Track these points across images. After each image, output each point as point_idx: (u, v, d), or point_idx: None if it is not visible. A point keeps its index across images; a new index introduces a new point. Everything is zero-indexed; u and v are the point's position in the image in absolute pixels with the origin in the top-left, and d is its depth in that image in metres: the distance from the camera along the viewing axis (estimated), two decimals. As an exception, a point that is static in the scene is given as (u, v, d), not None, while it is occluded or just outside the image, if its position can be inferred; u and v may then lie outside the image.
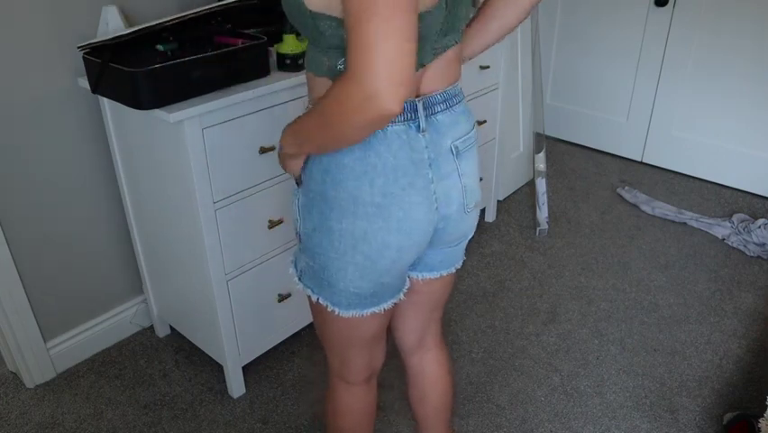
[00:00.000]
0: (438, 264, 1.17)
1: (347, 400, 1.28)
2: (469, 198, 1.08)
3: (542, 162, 2.75)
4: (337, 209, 0.98)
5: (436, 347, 1.33)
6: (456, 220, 1.08)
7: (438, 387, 1.34)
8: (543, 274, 2.44)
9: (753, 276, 2.42)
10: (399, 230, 0.99)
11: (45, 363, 1.92)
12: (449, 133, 1.02)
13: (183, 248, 1.73)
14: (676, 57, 2.99)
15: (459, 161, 1.04)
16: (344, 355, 1.22)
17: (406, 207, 0.98)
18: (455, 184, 1.04)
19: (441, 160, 1.01)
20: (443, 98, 1.00)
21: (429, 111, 0.98)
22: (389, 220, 0.98)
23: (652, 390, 1.90)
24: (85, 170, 1.85)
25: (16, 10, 1.57)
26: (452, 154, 1.02)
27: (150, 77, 1.42)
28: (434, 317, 1.30)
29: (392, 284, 1.08)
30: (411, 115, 0.96)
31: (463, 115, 1.05)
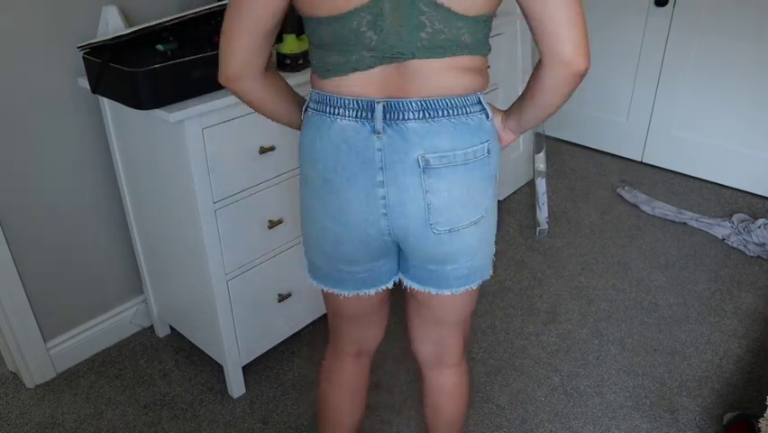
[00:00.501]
0: (427, 280, 1.13)
1: (334, 367, 1.35)
2: (436, 217, 1.03)
3: (542, 162, 2.75)
4: (301, 183, 1.10)
5: (455, 366, 1.30)
6: (420, 237, 1.05)
7: (452, 404, 1.33)
8: (543, 274, 2.44)
9: (753, 276, 2.42)
10: (336, 219, 1.06)
11: (45, 363, 1.92)
12: (420, 143, 0.98)
13: (183, 248, 1.73)
14: (676, 57, 2.99)
15: (427, 176, 1.00)
16: (333, 324, 1.31)
17: (342, 199, 1.03)
18: (415, 198, 1.01)
19: (400, 168, 0.99)
20: (421, 107, 0.97)
21: (395, 116, 0.97)
22: (326, 206, 1.06)
23: (652, 390, 1.90)
24: (85, 170, 1.85)
25: (16, 10, 1.57)
26: (417, 167, 0.99)
27: (150, 77, 1.42)
28: (448, 335, 1.25)
29: (354, 275, 1.14)
30: (366, 114, 0.98)
31: (453, 131, 0.99)
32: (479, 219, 1.08)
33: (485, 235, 1.11)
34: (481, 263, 1.15)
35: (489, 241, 1.14)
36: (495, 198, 1.12)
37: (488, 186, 1.07)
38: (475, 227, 1.08)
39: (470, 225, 1.07)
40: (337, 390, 1.36)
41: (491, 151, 1.05)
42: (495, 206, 1.12)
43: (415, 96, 0.97)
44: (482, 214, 1.08)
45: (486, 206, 1.08)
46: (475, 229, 1.08)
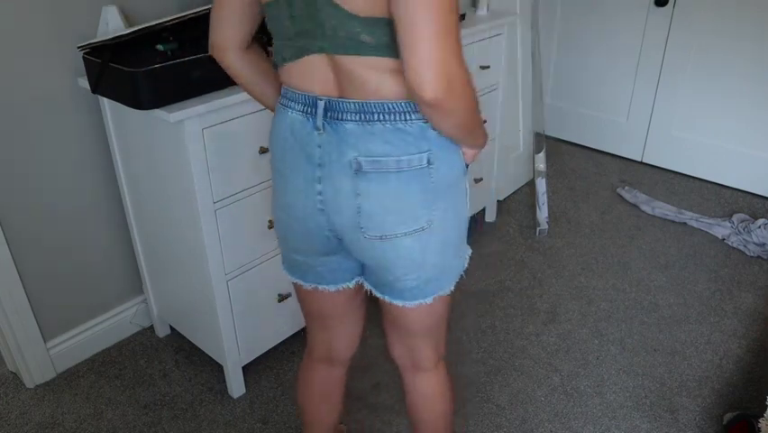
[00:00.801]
0: (381, 287, 1.14)
1: (306, 369, 1.39)
2: (366, 222, 1.03)
3: (542, 162, 2.75)
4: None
5: (429, 371, 1.29)
6: (354, 240, 1.06)
7: (429, 406, 1.32)
8: (543, 274, 2.44)
9: (753, 276, 2.42)
10: (283, 209, 1.10)
11: (45, 363, 1.92)
12: (355, 145, 0.98)
13: (183, 248, 1.73)
14: (676, 57, 2.99)
15: (359, 180, 0.99)
16: (306, 324, 1.34)
17: (288, 190, 1.08)
18: (347, 199, 1.02)
19: (336, 167, 1.00)
20: (358, 109, 0.97)
21: (335, 115, 0.98)
22: (277, 195, 1.11)
23: (652, 390, 1.90)
24: (85, 170, 1.85)
25: (16, 10, 1.57)
26: (350, 168, 0.99)
27: (150, 77, 1.42)
28: (416, 343, 1.24)
29: (311, 267, 1.17)
30: (310, 110, 1.01)
31: (387, 136, 0.98)
32: (416, 231, 1.04)
33: (431, 249, 1.07)
34: (433, 278, 1.11)
35: (440, 255, 1.09)
36: (454, 210, 1.07)
37: (430, 198, 1.03)
38: (413, 239, 1.05)
39: (404, 235, 1.04)
40: (307, 391, 1.40)
41: (433, 161, 1.01)
42: (452, 219, 1.07)
43: (353, 97, 0.97)
44: (422, 226, 1.04)
45: (429, 218, 1.04)
46: (413, 241, 1.05)
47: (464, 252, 1.16)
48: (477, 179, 2.55)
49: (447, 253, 1.10)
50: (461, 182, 1.08)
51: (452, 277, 1.15)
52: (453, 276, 1.15)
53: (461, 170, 1.07)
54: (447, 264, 1.12)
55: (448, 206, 1.06)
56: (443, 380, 1.31)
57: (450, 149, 1.03)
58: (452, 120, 0.93)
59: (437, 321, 1.22)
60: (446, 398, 1.32)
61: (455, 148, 1.05)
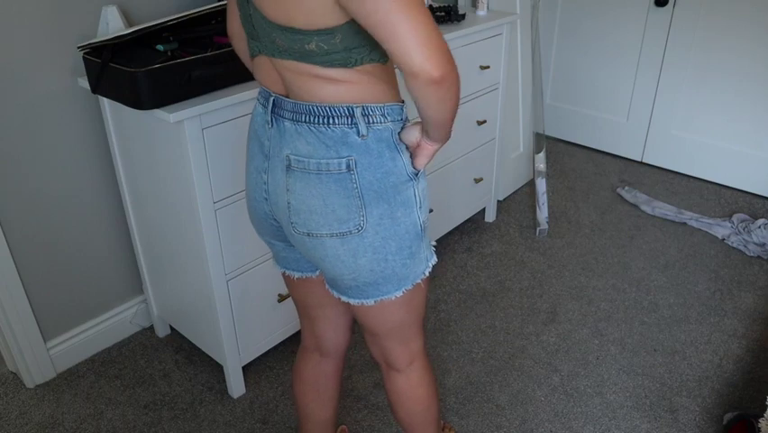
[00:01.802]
0: (327, 280, 1.17)
1: (298, 361, 1.43)
2: (294, 217, 1.08)
3: (542, 162, 2.75)
4: None
5: (401, 371, 1.29)
6: (289, 232, 1.12)
7: (402, 406, 1.33)
8: (543, 274, 2.44)
9: (753, 276, 2.42)
10: (246, 189, 1.19)
11: (45, 363, 1.92)
12: (289, 143, 1.05)
13: (183, 248, 1.73)
14: (676, 57, 2.99)
15: (289, 177, 1.06)
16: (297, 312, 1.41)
17: (248, 172, 1.17)
18: (281, 194, 1.09)
19: (276, 161, 1.08)
20: (292, 108, 1.03)
21: (278, 112, 1.06)
22: (246, 172, 1.19)
23: (652, 390, 1.90)
24: (85, 170, 1.85)
25: (16, 10, 1.57)
26: (284, 164, 1.06)
27: (150, 77, 1.42)
28: (382, 343, 1.26)
29: (273, 247, 1.25)
30: (266, 104, 1.08)
31: (311, 138, 1.03)
32: (344, 234, 1.07)
33: (364, 254, 1.08)
34: (371, 282, 1.12)
35: (377, 262, 1.09)
36: (392, 219, 1.07)
37: (356, 203, 1.05)
38: (340, 242, 1.07)
39: (329, 236, 1.07)
40: (298, 382, 1.43)
41: (354, 168, 1.03)
42: (390, 228, 1.07)
43: (291, 97, 1.04)
44: (350, 230, 1.06)
45: (358, 223, 1.06)
46: (341, 244, 1.07)
47: (419, 261, 1.14)
48: (477, 180, 2.55)
49: (388, 260, 1.10)
50: (402, 190, 1.07)
51: (398, 284, 1.13)
52: (400, 284, 1.13)
53: (400, 177, 1.06)
54: (389, 271, 1.11)
55: (383, 213, 1.06)
56: (415, 382, 1.30)
57: (381, 156, 1.04)
58: (454, 93, 0.96)
59: (398, 324, 1.21)
60: (420, 398, 1.32)
61: (391, 155, 1.05)
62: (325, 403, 1.44)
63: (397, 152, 1.06)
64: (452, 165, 2.39)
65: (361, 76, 1.02)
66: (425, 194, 1.14)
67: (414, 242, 1.12)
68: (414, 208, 1.10)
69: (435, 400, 1.35)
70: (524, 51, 2.76)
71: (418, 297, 1.20)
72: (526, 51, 2.79)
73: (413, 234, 1.11)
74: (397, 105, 1.07)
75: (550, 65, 3.46)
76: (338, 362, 1.41)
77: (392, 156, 1.06)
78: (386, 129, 1.05)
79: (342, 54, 0.99)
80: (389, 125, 1.05)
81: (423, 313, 1.26)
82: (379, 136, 1.04)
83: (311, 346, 1.40)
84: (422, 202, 1.11)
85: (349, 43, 0.98)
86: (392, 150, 1.06)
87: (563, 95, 3.48)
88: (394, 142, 1.06)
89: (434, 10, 2.20)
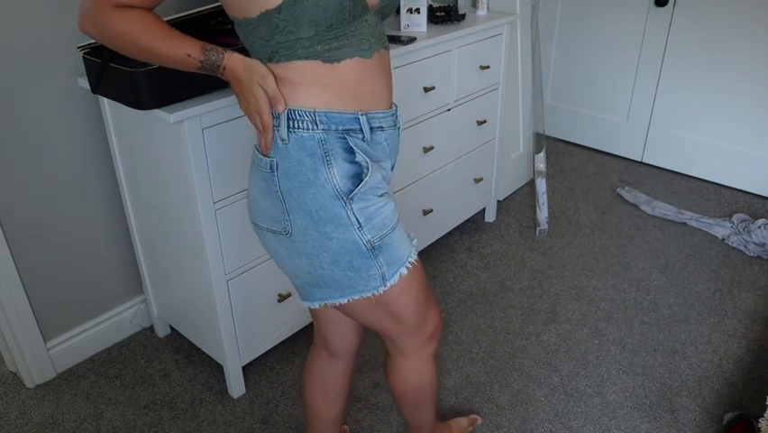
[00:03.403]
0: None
1: (309, 359, 1.44)
2: (248, 206, 1.12)
3: (542, 162, 2.75)
4: None
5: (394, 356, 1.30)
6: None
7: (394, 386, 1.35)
8: (543, 274, 2.44)
9: (753, 276, 2.42)
10: None
11: (45, 363, 1.92)
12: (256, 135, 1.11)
13: (183, 248, 1.73)
14: (676, 57, 2.99)
15: (250, 166, 1.11)
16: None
17: None
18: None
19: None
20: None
21: None
22: None
23: (652, 390, 1.90)
24: (85, 170, 1.85)
25: (16, 10, 1.57)
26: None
27: (150, 77, 1.42)
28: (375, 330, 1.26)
29: None
30: None
31: (257, 133, 1.07)
32: (278, 233, 1.06)
33: (298, 257, 1.06)
34: (312, 284, 1.10)
35: (314, 267, 1.06)
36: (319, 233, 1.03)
37: (280, 206, 1.03)
38: (276, 239, 1.07)
39: (267, 231, 1.09)
40: (308, 380, 1.43)
41: (275, 170, 1.02)
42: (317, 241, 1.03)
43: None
44: (281, 230, 1.05)
45: (285, 226, 1.04)
46: (276, 240, 1.07)
47: (369, 277, 1.08)
48: (477, 179, 2.55)
49: (324, 267, 1.06)
50: (327, 207, 1.01)
51: (341, 291, 1.09)
52: (344, 292, 1.09)
53: (322, 192, 1.01)
54: (328, 278, 1.08)
55: (308, 225, 1.02)
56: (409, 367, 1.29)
57: (300, 164, 1.00)
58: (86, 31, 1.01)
59: (373, 324, 1.19)
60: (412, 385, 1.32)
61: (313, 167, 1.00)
62: (333, 402, 1.43)
63: (322, 164, 1.00)
64: (451, 165, 2.39)
65: (291, 74, 0.98)
66: (373, 213, 1.05)
67: (356, 258, 1.05)
68: (350, 227, 1.03)
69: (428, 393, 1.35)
70: (524, 51, 2.76)
71: (387, 311, 1.15)
72: (526, 51, 2.79)
73: (354, 252, 1.05)
74: (338, 114, 1.00)
75: (550, 65, 3.46)
76: (348, 362, 1.40)
77: (314, 167, 1.00)
78: (312, 137, 0.99)
79: (268, 48, 0.98)
80: (319, 134, 0.99)
81: (408, 318, 1.19)
82: (303, 144, 1.00)
83: (320, 345, 1.39)
84: (364, 222, 1.03)
85: (271, 37, 0.96)
86: (316, 161, 1.00)
87: (563, 95, 3.48)
88: (321, 154, 1.00)
89: (434, 10, 2.20)
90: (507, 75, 2.56)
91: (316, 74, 0.98)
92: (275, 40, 0.96)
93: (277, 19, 0.94)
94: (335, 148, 1.01)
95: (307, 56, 0.97)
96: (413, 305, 1.17)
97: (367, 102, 1.04)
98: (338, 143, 1.01)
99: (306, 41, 0.96)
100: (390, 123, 1.10)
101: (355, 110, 1.02)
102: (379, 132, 1.07)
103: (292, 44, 0.96)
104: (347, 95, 1.01)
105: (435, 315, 1.26)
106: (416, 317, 1.20)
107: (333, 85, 1.00)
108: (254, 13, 0.94)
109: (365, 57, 1.02)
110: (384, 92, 1.08)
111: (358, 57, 1.00)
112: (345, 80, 1.01)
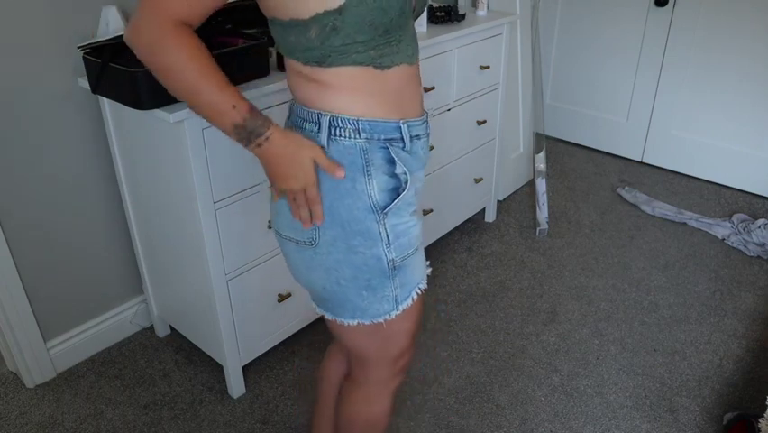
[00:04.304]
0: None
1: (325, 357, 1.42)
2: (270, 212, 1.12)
3: (542, 162, 2.75)
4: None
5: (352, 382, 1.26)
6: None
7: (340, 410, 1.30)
8: (543, 274, 2.44)
9: (753, 276, 2.42)
10: None
11: (45, 363, 1.92)
12: None
13: (183, 248, 1.73)
14: (676, 57, 2.99)
15: None
16: None
17: None
18: None
19: None
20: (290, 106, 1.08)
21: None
22: None
23: (652, 390, 1.90)
24: (85, 170, 1.85)
25: (16, 10, 1.57)
26: None
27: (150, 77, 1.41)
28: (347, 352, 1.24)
29: None
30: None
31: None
32: (299, 242, 1.03)
33: (316, 270, 1.03)
34: (327, 299, 1.07)
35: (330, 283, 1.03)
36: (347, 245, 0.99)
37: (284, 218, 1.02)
38: (297, 249, 1.04)
39: (289, 240, 1.05)
40: (322, 378, 1.41)
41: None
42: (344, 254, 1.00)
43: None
44: (304, 240, 1.02)
45: (311, 236, 1.00)
46: (297, 251, 1.04)
47: (383, 299, 1.04)
48: (477, 180, 2.55)
49: (341, 284, 1.03)
50: (360, 219, 0.98)
51: (352, 313, 1.06)
52: (355, 313, 1.06)
53: (358, 204, 0.97)
54: (342, 296, 1.05)
55: (337, 236, 0.99)
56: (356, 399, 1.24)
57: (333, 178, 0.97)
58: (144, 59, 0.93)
59: (356, 348, 1.15)
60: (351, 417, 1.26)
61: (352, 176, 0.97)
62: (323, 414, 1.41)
63: (362, 174, 0.96)
64: (451, 165, 2.39)
65: (338, 79, 0.94)
66: (401, 232, 1.02)
67: (375, 276, 1.02)
68: (378, 243, 1.00)
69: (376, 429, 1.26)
70: (524, 51, 2.76)
71: (382, 337, 1.10)
72: (526, 51, 2.79)
73: (375, 269, 1.01)
74: (382, 123, 0.97)
75: (550, 65, 3.46)
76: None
77: (353, 177, 0.96)
78: (354, 146, 0.95)
79: (317, 52, 0.92)
80: (362, 143, 0.96)
81: (397, 347, 1.14)
82: (343, 153, 0.95)
83: (336, 345, 1.37)
84: (392, 239, 1.01)
85: (325, 39, 0.90)
86: (356, 171, 0.96)
87: (563, 95, 3.48)
88: (362, 164, 0.96)
89: (434, 10, 2.20)
90: (507, 75, 2.56)
91: (365, 80, 0.94)
92: (329, 43, 0.90)
93: (336, 21, 0.87)
94: (377, 159, 0.97)
95: (361, 61, 0.92)
96: (405, 332, 1.13)
97: (407, 109, 1.01)
98: (380, 153, 0.97)
99: (361, 45, 0.91)
100: (424, 130, 1.06)
101: (398, 118, 0.99)
102: (417, 140, 1.03)
103: (347, 48, 0.91)
104: (391, 102, 0.98)
105: (412, 349, 1.21)
106: (403, 344, 1.15)
107: (379, 92, 0.96)
108: (306, 14, 0.88)
109: (410, 63, 0.99)
110: (419, 99, 1.05)
111: (405, 63, 0.97)
112: (390, 88, 0.97)
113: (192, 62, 0.88)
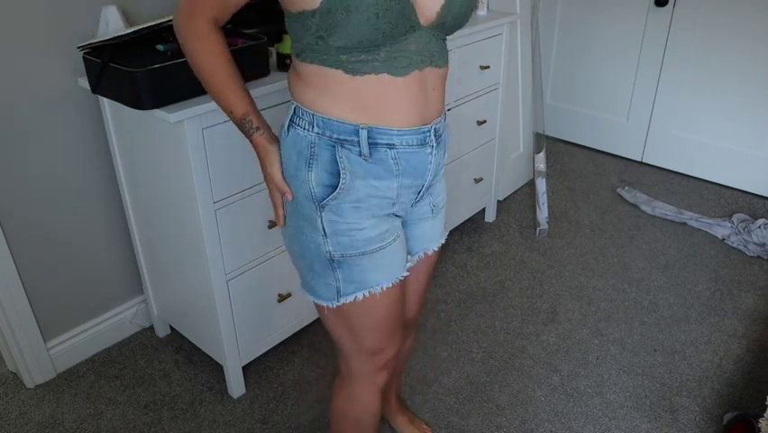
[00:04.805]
0: None
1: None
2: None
3: (542, 162, 2.75)
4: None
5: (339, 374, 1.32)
6: None
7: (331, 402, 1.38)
8: (543, 274, 2.44)
9: (753, 276, 2.42)
10: None
11: (45, 363, 1.92)
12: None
13: (183, 248, 1.73)
14: (676, 57, 2.99)
15: None
16: None
17: None
18: None
19: None
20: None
21: None
22: None
23: (652, 390, 1.90)
24: (85, 170, 1.85)
25: (16, 10, 1.57)
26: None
27: (150, 77, 1.42)
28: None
29: None
30: None
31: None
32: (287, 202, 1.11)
33: (285, 228, 1.14)
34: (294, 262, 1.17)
35: (289, 244, 1.14)
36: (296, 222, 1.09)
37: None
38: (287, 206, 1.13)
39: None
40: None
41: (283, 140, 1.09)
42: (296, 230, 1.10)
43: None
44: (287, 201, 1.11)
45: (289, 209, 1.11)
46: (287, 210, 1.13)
47: (326, 286, 1.11)
48: (477, 179, 2.55)
49: (294, 254, 1.14)
50: (303, 203, 1.06)
51: (306, 286, 1.17)
52: (305, 287, 1.17)
53: (300, 191, 1.06)
54: (298, 264, 1.16)
55: (291, 211, 1.10)
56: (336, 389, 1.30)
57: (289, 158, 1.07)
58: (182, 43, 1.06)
59: (329, 328, 1.20)
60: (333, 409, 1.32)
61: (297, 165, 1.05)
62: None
63: (305, 165, 1.03)
64: (451, 165, 2.39)
65: (310, 75, 1.00)
66: (340, 231, 1.06)
67: (317, 262, 1.09)
68: (317, 231, 1.07)
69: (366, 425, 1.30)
70: (524, 51, 2.76)
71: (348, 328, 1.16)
72: (526, 51, 2.79)
73: (315, 254, 1.09)
74: (336, 122, 1.00)
75: (550, 65, 3.46)
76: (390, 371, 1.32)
77: (298, 165, 1.05)
78: (305, 137, 1.03)
79: (298, 45, 1.00)
80: (312, 136, 1.02)
81: (364, 339, 1.17)
82: (296, 141, 1.04)
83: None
84: (329, 234, 1.06)
85: (302, 36, 0.98)
86: (301, 160, 1.04)
87: (563, 95, 3.48)
88: (308, 155, 1.03)
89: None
90: (507, 75, 2.56)
91: (332, 81, 0.98)
92: (305, 40, 0.97)
93: (310, 22, 0.93)
94: (322, 154, 1.02)
95: (330, 64, 0.97)
96: (371, 328, 1.16)
97: (380, 117, 1.00)
98: (326, 150, 1.02)
99: (333, 49, 0.95)
100: (414, 141, 1.04)
101: (357, 122, 1.00)
102: (387, 149, 1.02)
103: (320, 49, 0.96)
104: (358, 107, 0.99)
105: (395, 349, 1.23)
106: (373, 340, 1.18)
107: (345, 94, 0.99)
108: (293, 9, 0.96)
109: (396, 75, 0.98)
110: (413, 110, 1.02)
111: (386, 74, 0.97)
112: (361, 93, 0.98)
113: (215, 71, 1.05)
